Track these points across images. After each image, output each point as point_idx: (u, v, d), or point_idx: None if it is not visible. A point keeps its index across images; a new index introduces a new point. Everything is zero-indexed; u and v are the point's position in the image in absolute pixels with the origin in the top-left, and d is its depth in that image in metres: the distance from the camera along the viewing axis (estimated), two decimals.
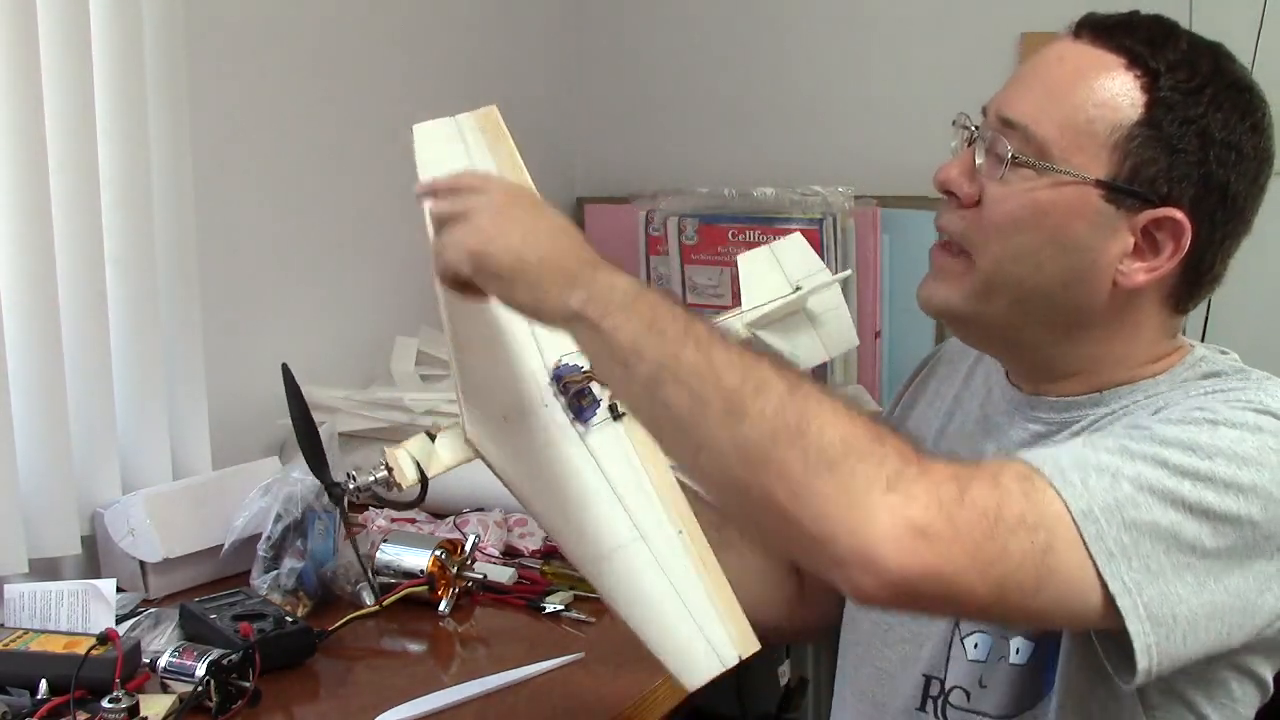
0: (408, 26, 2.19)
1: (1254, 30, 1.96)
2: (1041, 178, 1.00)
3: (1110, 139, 0.98)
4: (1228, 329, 2.02)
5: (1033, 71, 1.03)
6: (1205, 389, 0.99)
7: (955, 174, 1.04)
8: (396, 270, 2.12)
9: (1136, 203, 0.99)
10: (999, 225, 1.01)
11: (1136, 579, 0.84)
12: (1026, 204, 1.00)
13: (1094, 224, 0.99)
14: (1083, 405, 1.05)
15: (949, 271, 1.05)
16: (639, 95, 2.59)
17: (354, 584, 1.51)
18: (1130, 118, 0.98)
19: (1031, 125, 1.00)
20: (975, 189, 1.03)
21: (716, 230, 2.24)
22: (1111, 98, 0.99)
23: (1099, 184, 0.99)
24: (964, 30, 2.25)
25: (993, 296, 1.03)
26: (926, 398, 1.25)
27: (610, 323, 0.87)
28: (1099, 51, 1.00)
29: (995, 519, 0.82)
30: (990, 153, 1.02)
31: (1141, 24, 1.02)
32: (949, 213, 1.06)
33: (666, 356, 0.85)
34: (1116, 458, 0.88)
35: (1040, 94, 1.01)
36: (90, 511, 1.60)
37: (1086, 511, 0.84)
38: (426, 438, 1.08)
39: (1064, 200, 0.99)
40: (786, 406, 0.82)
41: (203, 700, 1.23)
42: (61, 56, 1.52)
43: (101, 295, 1.60)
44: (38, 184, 1.49)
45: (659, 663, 0.99)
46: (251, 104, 1.89)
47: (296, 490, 1.53)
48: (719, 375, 0.84)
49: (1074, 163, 0.99)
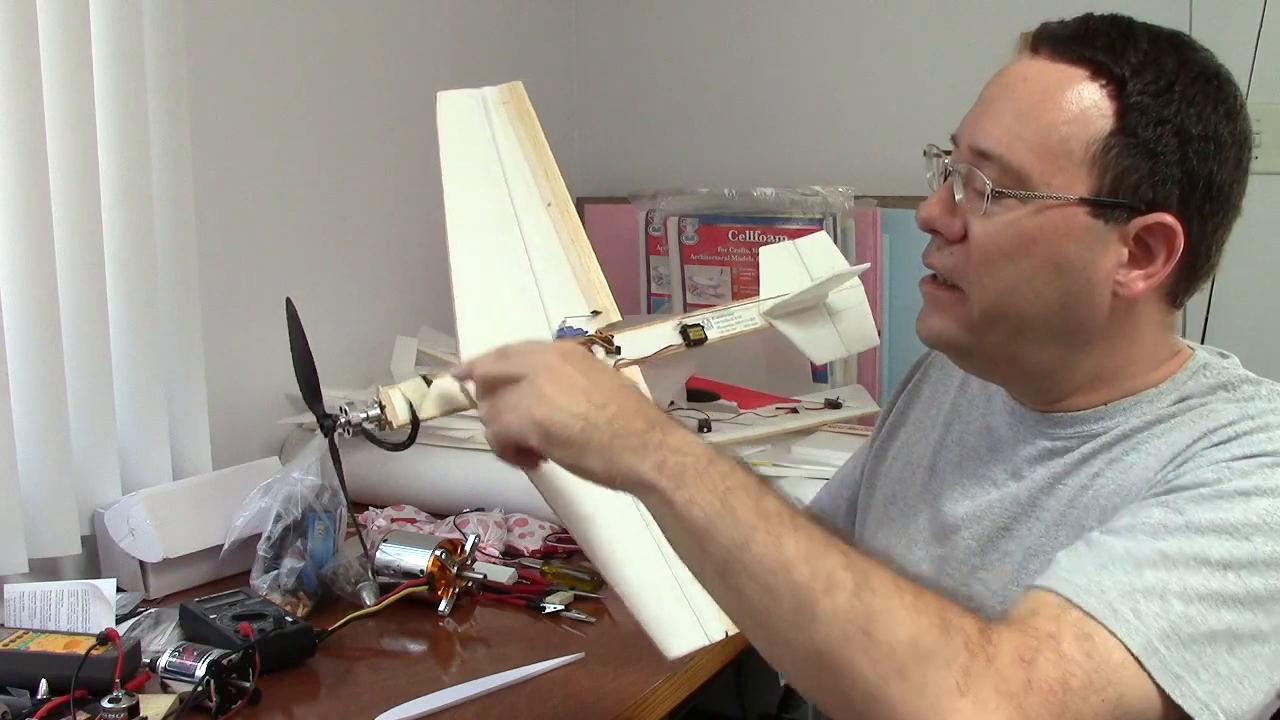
0: (408, 27, 2.19)
1: (1254, 30, 1.96)
2: (1025, 206, 0.98)
3: (1087, 155, 0.96)
4: (1228, 329, 2.02)
5: (999, 95, 1.01)
6: (1224, 426, 0.96)
7: (937, 212, 1.03)
8: (396, 270, 2.13)
9: (1124, 213, 0.97)
10: (989, 260, 1.00)
11: (1209, 689, 0.85)
12: (1014, 235, 0.98)
13: (1085, 242, 0.98)
14: (1089, 420, 1.04)
15: (944, 303, 1.04)
16: (639, 95, 2.59)
17: (354, 584, 1.51)
18: (1104, 129, 0.96)
19: (1006, 154, 0.98)
20: (959, 224, 1.01)
21: (716, 230, 2.24)
22: (1081, 112, 0.97)
23: (1083, 201, 0.97)
24: (964, 30, 2.25)
25: (992, 328, 1.02)
26: (921, 404, 1.24)
27: (683, 496, 0.86)
28: (1060, 66, 0.98)
29: (1064, 691, 0.81)
30: (969, 187, 1.00)
31: (1099, 30, 0.99)
32: (936, 251, 1.04)
33: (737, 543, 0.84)
34: (1161, 572, 0.87)
35: (1010, 119, 0.99)
36: (90, 511, 1.60)
37: (1146, 646, 0.84)
38: (422, 380, 1.06)
39: (1051, 225, 0.98)
40: (855, 606, 0.81)
41: (203, 700, 1.23)
42: (61, 56, 1.52)
43: (101, 295, 1.60)
44: (38, 184, 1.49)
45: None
46: (251, 104, 1.89)
47: (296, 490, 1.53)
48: (789, 569, 0.83)
49: (1055, 185, 0.97)
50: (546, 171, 1.17)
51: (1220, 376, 1.03)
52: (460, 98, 1.17)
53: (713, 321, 1.16)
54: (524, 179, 1.16)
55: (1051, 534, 1.02)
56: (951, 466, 1.14)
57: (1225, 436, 0.95)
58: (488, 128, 1.15)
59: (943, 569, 1.09)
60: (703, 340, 1.15)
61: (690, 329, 1.14)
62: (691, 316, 1.16)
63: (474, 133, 1.15)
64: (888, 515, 1.18)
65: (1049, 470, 1.04)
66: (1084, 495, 1.01)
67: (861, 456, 1.32)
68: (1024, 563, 1.03)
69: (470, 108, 1.17)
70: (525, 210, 1.15)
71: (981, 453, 1.12)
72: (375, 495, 1.84)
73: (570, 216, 1.15)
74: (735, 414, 2.00)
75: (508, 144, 1.18)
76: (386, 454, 1.85)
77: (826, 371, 2.19)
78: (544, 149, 1.15)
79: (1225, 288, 2.04)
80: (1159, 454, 0.98)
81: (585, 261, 1.13)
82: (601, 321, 1.08)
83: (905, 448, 1.22)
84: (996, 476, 1.09)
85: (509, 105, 1.18)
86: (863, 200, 2.18)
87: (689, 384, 2.13)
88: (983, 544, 1.07)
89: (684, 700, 1.36)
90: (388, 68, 2.13)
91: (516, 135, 1.16)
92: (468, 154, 1.16)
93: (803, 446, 1.84)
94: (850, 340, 1.27)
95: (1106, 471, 1.01)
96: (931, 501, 1.14)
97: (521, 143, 1.16)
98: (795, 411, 2.00)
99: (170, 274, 1.70)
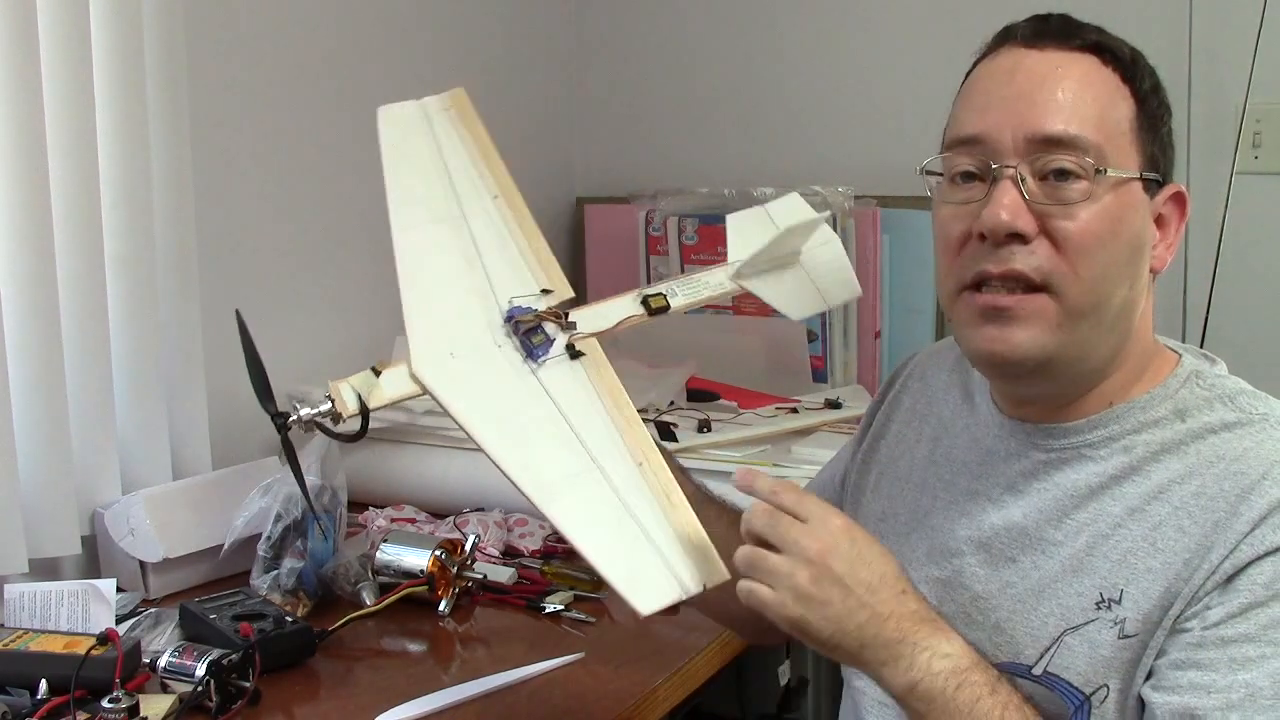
0: (408, 26, 2.19)
1: (1254, 30, 1.96)
2: (1106, 186, 0.97)
3: (1130, 133, 0.99)
4: (1228, 329, 2.02)
5: (1028, 88, 0.99)
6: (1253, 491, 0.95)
7: (1009, 215, 0.96)
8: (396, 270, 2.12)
9: (1156, 187, 1.01)
10: (1086, 248, 0.97)
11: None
12: (1103, 217, 0.97)
13: (1143, 218, 1.00)
14: (1082, 430, 1.03)
15: (1030, 311, 0.98)
16: (639, 95, 2.59)
17: (354, 584, 1.51)
18: (1132, 109, 1.00)
19: (1083, 134, 0.97)
20: (1035, 222, 0.97)
21: (716, 230, 2.24)
22: (1113, 95, 0.99)
23: (1141, 178, 1.00)
24: (964, 30, 2.24)
25: (1078, 325, 0.98)
26: (902, 416, 1.22)
27: (956, 704, 0.92)
28: (1074, 54, 1.00)
29: None
30: (1042, 184, 0.97)
31: (1070, 22, 1.03)
32: (1023, 255, 0.97)
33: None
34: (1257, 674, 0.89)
35: (1068, 103, 0.98)
36: (90, 511, 1.60)
37: None
38: (371, 372, 1.07)
39: (1125, 202, 0.99)
40: None
41: (203, 700, 1.23)
42: (61, 57, 1.52)
43: (101, 295, 1.60)
44: (38, 184, 1.49)
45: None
46: (251, 104, 1.89)
47: (296, 490, 1.53)
48: None
49: (1120, 163, 0.98)
50: (491, 167, 1.17)
51: (1215, 389, 1.02)
52: (400, 109, 1.18)
53: (676, 290, 1.13)
54: (468, 177, 1.16)
55: (1064, 578, 1.00)
56: (943, 484, 1.12)
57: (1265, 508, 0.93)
58: (429, 133, 1.15)
59: (946, 594, 1.07)
60: (665, 308, 1.12)
61: (651, 298, 1.12)
62: (654, 286, 1.14)
63: (416, 140, 1.15)
64: (879, 533, 1.13)
65: (1051, 496, 1.03)
66: (1105, 544, 0.99)
67: (841, 465, 1.30)
68: (1034, 603, 1.01)
69: (411, 117, 1.17)
70: (471, 205, 1.14)
71: (972, 467, 1.10)
72: (375, 495, 1.84)
73: (517, 204, 1.14)
74: (735, 414, 2.00)
75: (450, 146, 1.18)
76: (386, 454, 1.88)
77: (826, 371, 2.19)
78: (488, 146, 1.15)
79: (1225, 288, 2.06)
80: (1189, 510, 0.96)
81: (534, 243, 1.12)
82: (553, 300, 1.08)
83: (890, 462, 1.20)
84: (991, 493, 1.07)
85: (450, 111, 1.18)
86: (863, 200, 2.18)
87: (689, 384, 2.14)
88: (987, 572, 1.05)
89: (684, 700, 1.36)
90: (388, 68, 2.13)
91: (459, 136, 1.16)
92: (409, 160, 1.17)
93: (803, 446, 1.84)
94: (830, 292, 1.21)
95: (1130, 524, 0.99)
96: (924, 519, 1.12)
97: (465, 143, 1.16)
98: (795, 411, 2.00)
99: (170, 274, 1.70)
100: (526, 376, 1.04)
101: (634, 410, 1.03)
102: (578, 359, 1.06)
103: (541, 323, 1.06)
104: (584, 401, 1.03)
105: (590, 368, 1.05)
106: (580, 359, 1.06)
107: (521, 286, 1.01)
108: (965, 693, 0.92)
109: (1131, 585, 0.96)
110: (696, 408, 2.01)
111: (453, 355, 1.05)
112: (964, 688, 0.92)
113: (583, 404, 1.03)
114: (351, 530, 1.64)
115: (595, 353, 1.06)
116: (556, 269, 1.11)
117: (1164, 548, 0.96)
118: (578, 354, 1.06)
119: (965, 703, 0.92)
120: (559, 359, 1.06)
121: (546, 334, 1.06)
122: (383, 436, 1.86)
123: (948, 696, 0.92)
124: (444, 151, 1.18)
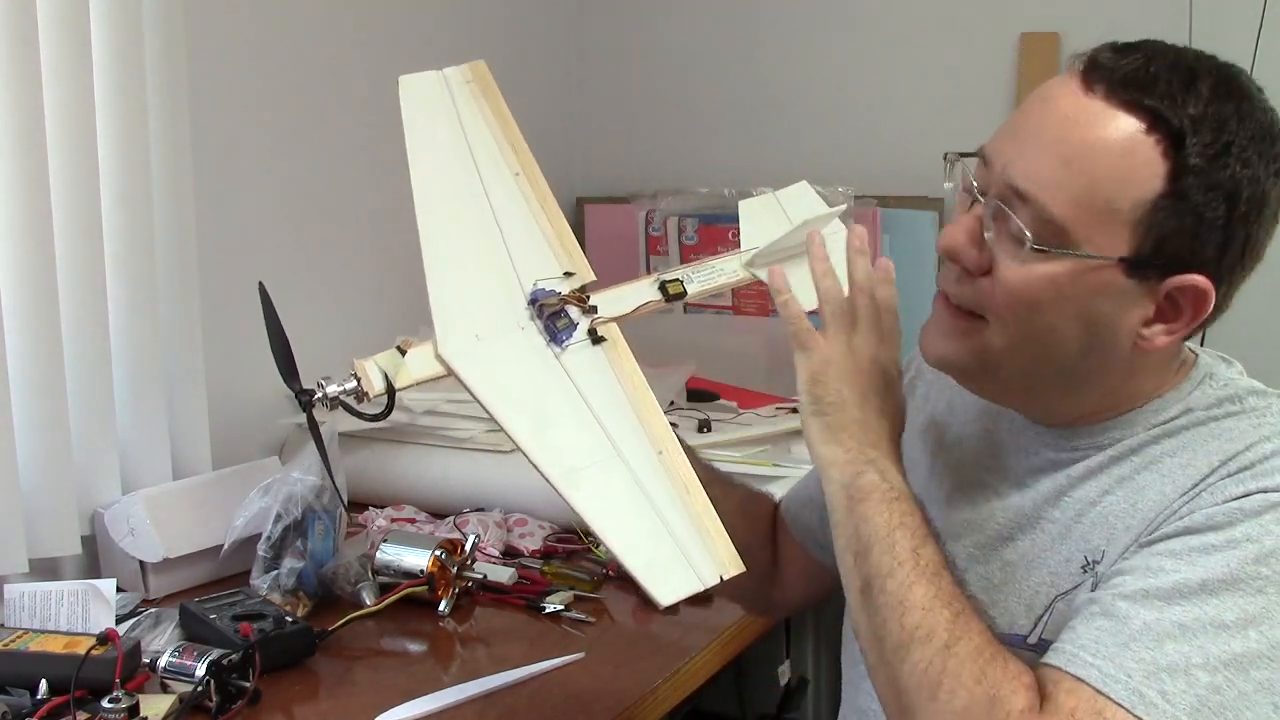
0: (407, 26, 2.19)
1: (1254, 30, 1.96)
2: (1061, 261, 0.93)
3: (1133, 215, 0.91)
4: (1228, 329, 2.01)
5: (1043, 131, 0.94)
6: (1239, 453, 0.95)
7: (962, 241, 0.98)
8: (396, 270, 2.12)
9: (1159, 273, 0.93)
10: (1015, 306, 0.96)
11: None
12: (1047, 287, 0.94)
13: (1117, 300, 0.94)
14: (1095, 433, 1.03)
15: (960, 331, 1.00)
16: (639, 95, 2.59)
17: (354, 584, 1.51)
18: (1154, 190, 0.91)
19: (1048, 203, 0.92)
20: (985, 258, 0.96)
21: (716, 230, 2.24)
22: (1132, 170, 0.91)
23: (1122, 261, 0.92)
24: (964, 30, 2.25)
25: (1005, 364, 0.99)
26: (915, 403, 1.21)
27: (863, 510, 0.98)
28: (1114, 111, 0.92)
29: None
30: (1001, 227, 0.95)
31: (1160, 73, 0.92)
32: (958, 282, 0.99)
33: (881, 573, 0.96)
34: (1180, 644, 0.87)
35: (1054, 164, 0.92)
36: (90, 511, 1.61)
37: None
38: (397, 351, 1.07)
39: (1086, 283, 0.93)
40: (935, 663, 0.91)
41: (203, 700, 1.23)
42: (61, 56, 1.52)
43: (101, 295, 1.60)
44: (38, 184, 1.49)
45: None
46: (251, 104, 1.89)
47: (296, 490, 1.53)
48: (906, 610, 0.93)
49: (1096, 243, 0.92)
50: (513, 144, 1.16)
51: (1226, 389, 1.02)
52: (422, 79, 1.16)
53: (692, 276, 1.14)
54: (490, 153, 1.15)
55: (1055, 547, 1.01)
56: (951, 469, 1.13)
57: (1239, 465, 0.94)
58: (451, 107, 1.14)
59: None
60: (682, 294, 1.13)
61: (669, 284, 1.12)
62: (670, 272, 1.14)
63: (437, 112, 1.14)
64: None
65: (1054, 483, 1.03)
66: (1092, 510, 1.00)
67: None
68: (1025, 574, 1.02)
69: (433, 88, 1.16)
70: (493, 182, 1.14)
71: (983, 458, 1.11)
72: (375, 495, 1.84)
73: (539, 184, 1.14)
74: (735, 414, 2.00)
75: (472, 120, 1.17)
76: (386, 454, 1.88)
77: None
78: (509, 123, 1.14)
79: None
80: (1174, 477, 0.97)
81: (557, 226, 1.12)
82: (576, 283, 1.08)
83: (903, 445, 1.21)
84: (998, 485, 1.08)
85: (472, 84, 1.17)
86: (863, 200, 2.17)
87: (689, 384, 2.13)
88: (984, 551, 1.06)
89: (684, 700, 1.36)
90: (387, 67, 2.12)
91: (480, 111, 1.15)
92: (432, 133, 1.16)
93: (803, 446, 1.83)
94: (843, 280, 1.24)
95: (1117, 490, 0.99)
96: (929, 503, 1.13)
97: (486, 118, 1.15)
98: (795, 411, 1.99)
99: (170, 274, 1.70)
100: (550, 361, 1.05)
101: (653, 398, 1.03)
102: (599, 344, 1.06)
103: (565, 306, 1.06)
104: (606, 388, 1.03)
105: (611, 353, 1.06)
106: (601, 344, 1.06)
107: (544, 268, 1.00)
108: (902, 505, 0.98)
109: (1110, 545, 0.97)
110: (696, 408, 2.01)
111: (478, 337, 1.05)
112: (901, 500, 0.99)
113: (604, 390, 1.03)
114: (351, 530, 1.64)
115: (616, 339, 1.07)
116: (578, 250, 1.11)
117: (1143, 508, 0.96)
118: (599, 339, 1.06)
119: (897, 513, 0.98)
120: (582, 344, 1.06)
121: (570, 318, 1.06)
122: (383, 436, 1.86)
123: (886, 500, 0.98)
124: (465, 126, 1.17)
